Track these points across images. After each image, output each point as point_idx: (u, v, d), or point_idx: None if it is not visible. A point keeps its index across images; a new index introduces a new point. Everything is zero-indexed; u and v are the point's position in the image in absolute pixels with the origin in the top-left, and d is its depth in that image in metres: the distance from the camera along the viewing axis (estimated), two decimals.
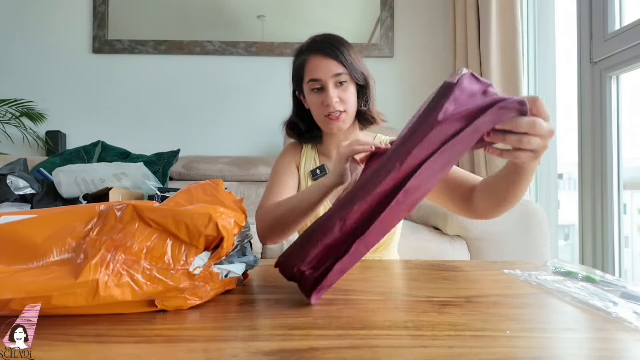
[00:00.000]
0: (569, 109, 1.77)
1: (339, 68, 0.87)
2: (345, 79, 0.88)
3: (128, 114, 2.43)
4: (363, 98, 0.94)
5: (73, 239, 0.45)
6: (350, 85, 0.90)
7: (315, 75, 0.88)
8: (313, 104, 0.91)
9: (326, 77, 0.87)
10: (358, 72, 0.90)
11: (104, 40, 2.41)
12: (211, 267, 0.47)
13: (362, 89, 0.93)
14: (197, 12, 2.44)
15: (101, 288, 0.40)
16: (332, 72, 0.87)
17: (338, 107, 0.88)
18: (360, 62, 0.92)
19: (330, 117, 0.89)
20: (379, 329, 0.39)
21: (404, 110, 2.46)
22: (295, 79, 0.95)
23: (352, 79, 0.89)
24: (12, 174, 1.02)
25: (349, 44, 0.92)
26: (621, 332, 0.39)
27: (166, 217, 0.45)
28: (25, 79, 2.40)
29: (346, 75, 0.88)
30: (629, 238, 1.54)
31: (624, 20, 1.38)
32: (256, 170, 2.15)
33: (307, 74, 0.90)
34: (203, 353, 0.34)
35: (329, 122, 0.90)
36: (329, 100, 0.87)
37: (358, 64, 0.91)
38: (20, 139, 2.36)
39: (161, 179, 1.82)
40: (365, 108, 0.94)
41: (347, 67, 0.88)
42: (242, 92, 2.42)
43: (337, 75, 0.88)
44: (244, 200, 0.56)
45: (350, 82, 0.90)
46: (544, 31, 2.02)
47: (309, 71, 0.89)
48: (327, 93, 0.87)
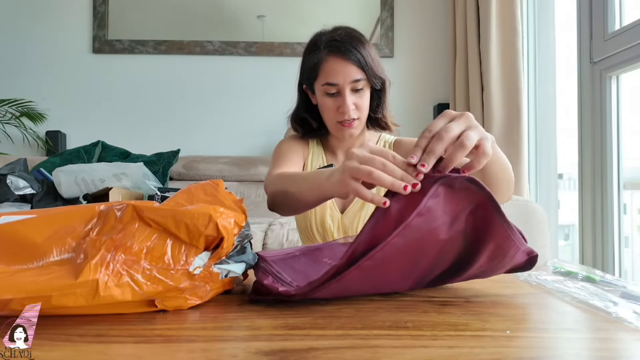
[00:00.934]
0: (569, 109, 1.77)
1: (358, 74, 0.82)
2: (363, 85, 0.83)
3: (128, 114, 2.43)
4: (376, 102, 0.89)
5: (73, 239, 0.45)
6: (367, 91, 0.85)
7: (333, 79, 0.82)
8: (326, 108, 0.86)
9: (344, 82, 0.82)
10: (377, 77, 0.84)
11: (104, 40, 2.41)
12: (211, 267, 0.47)
13: (376, 92, 0.88)
14: (197, 12, 2.44)
15: (101, 288, 0.40)
16: (352, 78, 0.81)
17: (353, 115, 0.83)
18: (379, 65, 0.86)
19: (343, 124, 0.84)
20: (379, 329, 0.39)
21: (403, 110, 2.46)
22: (307, 76, 0.88)
23: (370, 83, 0.84)
24: (12, 174, 1.01)
25: (368, 42, 0.86)
26: (621, 332, 0.39)
27: (166, 217, 0.45)
28: (25, 79, 2.40)
29: (364, 81, 0.83)
30: (629, 238, 1.54)
31: (624, 20, 1.38)
32: (256, 170, 2.15)
33: (324, 75, 0.83)
34: (203, 353, 0.34)
35: (341, 128, 0.85)
36: (346, 108, 0.82)
37: (377, 68, 0.85)
38: (20, 139, 2.36)
39: (161, 179, 1.82)
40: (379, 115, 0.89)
41: (367, 73, 0.82)
42: (242, 92, 2.42)
43: (356, 82, 0.82)
44: (244, 201, 0.56)
45: (367, 87, 0.85)
46: (544, 31, 2.02)
47: (325, 73, 0.83)
48: (344, 100, 0.82)
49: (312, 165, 0.94)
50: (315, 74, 0.85)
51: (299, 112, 0.95)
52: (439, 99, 2.45)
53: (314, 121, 0.93)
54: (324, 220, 0.90)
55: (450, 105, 2.33)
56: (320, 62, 0.84)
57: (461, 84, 2.18)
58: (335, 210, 0.91)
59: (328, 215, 0.90)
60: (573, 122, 1.57)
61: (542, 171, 2.00)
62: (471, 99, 2.09)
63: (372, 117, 0.90)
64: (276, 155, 0.93)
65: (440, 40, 2.48)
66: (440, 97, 2.45)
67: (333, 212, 0.91)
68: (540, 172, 2.01)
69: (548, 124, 1.99)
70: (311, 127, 0.94)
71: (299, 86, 0.93)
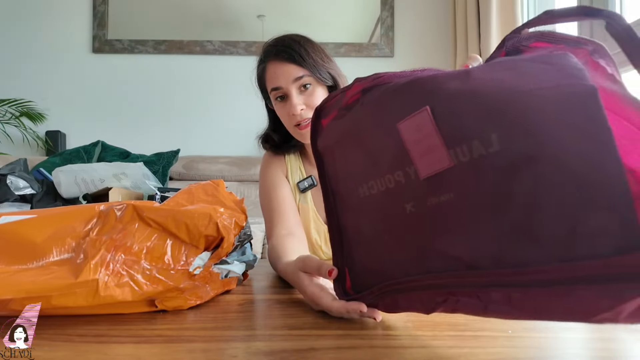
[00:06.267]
0: None
1: (299, 71, 0.79)
2: (308, 81, 0.80)
3: (128, 114, 2.43)
4: None
5: (73, 239, 0.45)
6: (318, 88, 0.81)
7: (276, 83, 0.80)
8: (281, 115, 0.84)
9: (287, 83, 0.79)
10: (323, 72, 0.81)
11: (104, 40, 2.41)
12: (211, 267, 0.47)
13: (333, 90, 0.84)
14: (197, 12, 2.44)
15: (101, 288, 0.40)
16: (292, 76, 0.79)
17: (305, 115, 0.80)
18: (325, 61, 0.83)
19: (300, 126, 0.81)
20: (379, 329, 0.39)
21: None
22: (261, 90, 0.88)
23: (318, 80, 0.81)
24: (12, 174, 1.02)
25: (309, 42, 0.83)
26: (622, 332, 0.39)
27: (166, 217, 0.45)
28: (25, 79, 2.39)
29: (309, 77, 0.79)
30: None
31: None
32: (256, 170, 2.15)
33: (268, 82, 0.82)
34: (203, 353, 0.34)
35: (299, 131, 0.82)
36: (292, 109, 0.79)
37: (323, 63, 0.81)
38: (20, 139, 2.36)
39: (161, 179, 1.82)
40: None
41: (309, 69, 0.79)
42: (242, 92, 2.42)
43: (299, 79, 0.79)
44: (244, 201, 0.56)
45: (316, 84, 0.81)
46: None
47: (269, 80, 0.82)
48: (290, 101, 0.79)
49: (292, 179, 0.92)
50: (264, 84, 0.85)
51: (266, 130, 0.95)
52: None
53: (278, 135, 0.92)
54: (309, 234, 0.89)
55: None
56: (264, 72, 0.84)
57: None
58: (320, 223, 0.90)
59: (313, 228, 0.89)
60: None
61: None
62: None
63: None
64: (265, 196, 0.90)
65: (440, 40, 2.48)
66: None
67: (318, 225, 0.90)
68: None
69: None
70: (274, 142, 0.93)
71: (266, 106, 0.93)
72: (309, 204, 0.90)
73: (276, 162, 0.94)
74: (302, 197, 0.91)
